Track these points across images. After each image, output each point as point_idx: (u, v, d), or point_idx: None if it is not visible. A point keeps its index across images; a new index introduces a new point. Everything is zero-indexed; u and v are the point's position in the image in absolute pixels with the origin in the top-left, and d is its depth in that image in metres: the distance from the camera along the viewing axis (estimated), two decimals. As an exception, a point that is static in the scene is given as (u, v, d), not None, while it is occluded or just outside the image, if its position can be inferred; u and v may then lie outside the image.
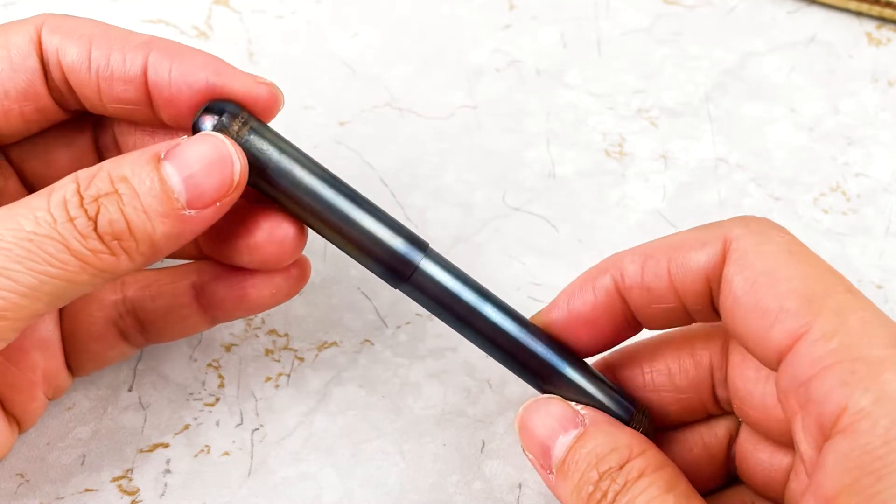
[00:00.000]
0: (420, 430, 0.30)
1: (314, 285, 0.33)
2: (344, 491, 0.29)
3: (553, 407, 0.25)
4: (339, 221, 0.26)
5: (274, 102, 0.26)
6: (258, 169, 0.25)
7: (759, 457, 0.26)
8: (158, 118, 0.26)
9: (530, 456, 0.25)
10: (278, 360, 0.32)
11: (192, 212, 0.24)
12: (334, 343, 0.32)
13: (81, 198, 0.23)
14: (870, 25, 0.40)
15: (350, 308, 0.33)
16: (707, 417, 0.27)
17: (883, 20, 0.40)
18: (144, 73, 0.25)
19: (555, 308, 0.27)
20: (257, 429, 0.30)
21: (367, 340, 0.32)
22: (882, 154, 0.37)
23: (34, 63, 0.26)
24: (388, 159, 0.36)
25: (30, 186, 0.28)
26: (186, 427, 0.30)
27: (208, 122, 0.25)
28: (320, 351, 0.32)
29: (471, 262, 0.34)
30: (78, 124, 0.28)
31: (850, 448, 0.20)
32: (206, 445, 0.30)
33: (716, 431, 0.27)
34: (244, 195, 0.28)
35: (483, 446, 0.30)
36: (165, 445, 0.30)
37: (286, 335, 0.32)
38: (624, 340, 0.27)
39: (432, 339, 0.32)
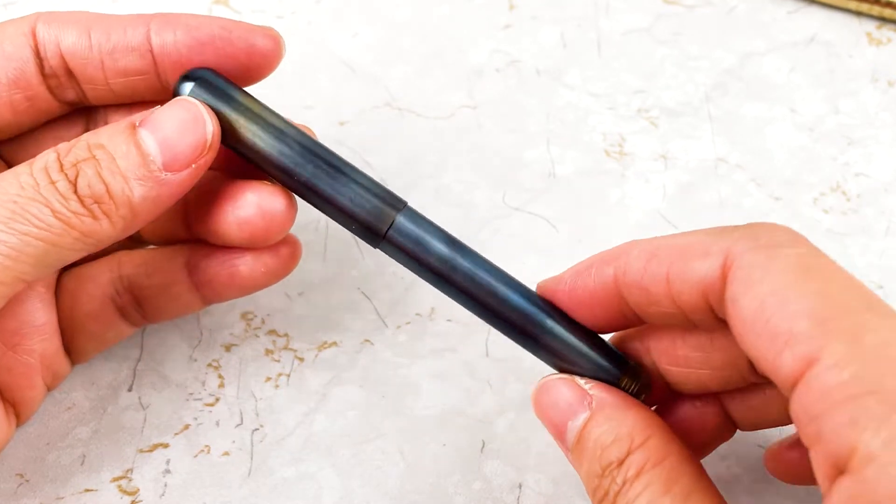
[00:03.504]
0: (420, 430, 0.30)
1: (314, 285, 0.33)
2: (344, 491, 0.29)
3: (561, 389, 0.25)
4: (317, 182, 0.26)
5: (277, 52, 0.27)
6: (235, 131, 0.26)
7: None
8: (166, 87, 0.27)
9: (552, 435, 0.25)
10: (278, 360, 0.32)
11: (169, 174, 0.24)
12: (334, 343, 0.32)
13: (61, 164, 0.24)
14: (870, 25, 0.40)
15: (350, 308, 0.33)
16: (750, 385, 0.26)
17: (883, 20, 0.40)
18: (148, 40, 0.26)
19: (559, 282, 0.26)
20: (257, 429, 0.30)
21: (367, 340, 0.32)
22: (882, 154, 0.37)
23: (27, 53, 0.26)
24: (388, 159, 0.36)
25: None
26: (186, 427, 0.30)
27: (187, 87, 0.26)
28: (320, 351, 0.32)
29: (471, 262, 0.34)
30: (69, 123, 0.29)
31: (855, 493, 0.19)
32: (206, 445, 0.30)
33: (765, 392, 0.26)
34: (229, 169, 0.28)
35: (483, 446, 0.30)
36: (165, 445, 0.30)
37: (286, 335, 0.32)
38: (623, 329, 0.26)
39: (432, 339, 0.32)
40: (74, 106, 0.28)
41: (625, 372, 0.26)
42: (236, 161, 0.27)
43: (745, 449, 0.30)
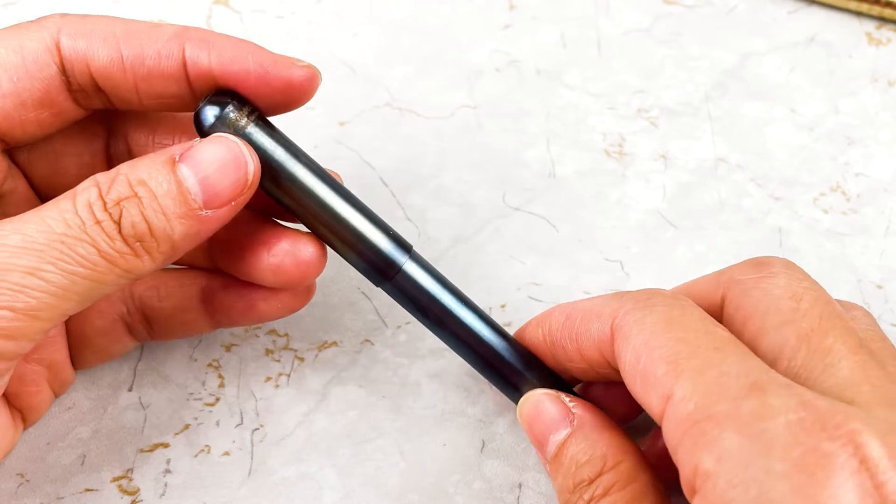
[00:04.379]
0: (420, 430, 0.30)
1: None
2: (344, 491, 0.29)
3: (546, 404, 0.26)
4: (330, 218, 0.26)
5: (312, 84, 0.27)
6: (274, 173, 0.26)
7: None
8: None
9: (534, 445, 0.27)
10: (278, 360, 0.32)
11: (209, 212, 0.24)
12: (334, 343, 0.32)
13: (104, 202, 0.23)
14: (870, 25, 0.40)
15: (350, 308, 0.33)
16: None
17: (883, 20, 0.40)
18: (183, 66, 0.26)
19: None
20: (257, 429, 0.30)
21: (367, 340, 0.32)
22: (882, 154, 0.37)
23: (52, 71, 0.25)
24: (388, 159, 0.36)
25: (37, 190, 0.28)
26: (186, 427, 0.30)
27: (211, 113, 0.25)
28: (320, 351, 0.32)
29: (471, 262, 0.34)
30: (89, 131, 0.28)
31: None
32: (207, 445, 0.30)
33: None
34: (264, 211, 0.28)
35: (483, 446, 0.30)
36: (165, 445, 0.30)
37: (286, 335, 0.32)
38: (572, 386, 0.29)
39: (432, 339, 0.32)
40: (97, 110, 0.28)
41: None
42: (260, 199, 0.27)
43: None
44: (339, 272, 0.34)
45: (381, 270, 0.27)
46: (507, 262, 0.34)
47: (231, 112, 0.25)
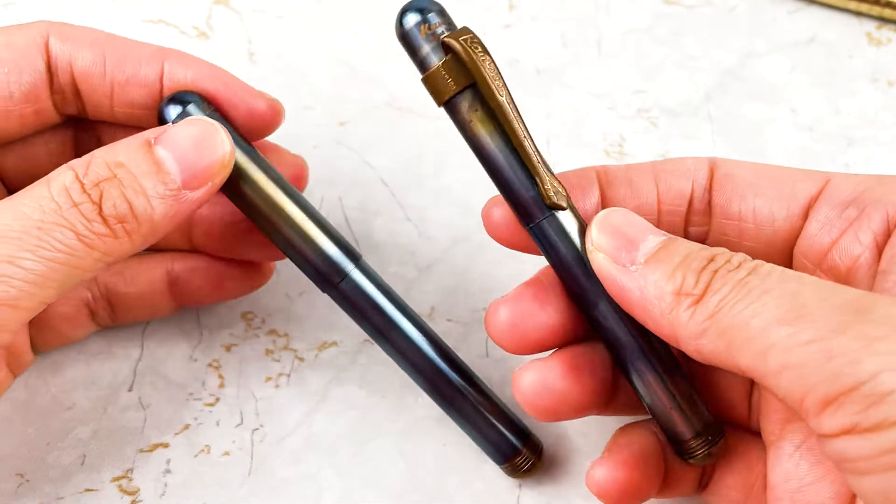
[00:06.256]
0: (420, 430, 0.30)
1: (314, 285, 0.33)
2: (344, 491, 0.29)
3: (638, 218, 0.25)
4: (282, 222, 0.27)
5: (275, 119, 0.28)
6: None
7: None
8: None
9: (602, 251, 0.24)
10: (278, 360, 0.32)
11: (188, 192, 0.25)
12: (334, 343, 0.32)
13: (82, 184, 0.24)
14: (870, 25, 0.40)
15: (350, 308, 0.33)
16: None
17: (883, 20, 0.40)
18: (161, 80, 0.27)
19: None
20: (257, 429, 0.30)
21: (367, 340, 0.32)
22: (882, 154, 0.37)
23: (40, 66, 0.26)
24: (388, 159, 0.36)
25: (8, 184, 0.29)
26: (186, 427, 0.30)
27: (173, 112, 0.26)
28: (320, 351, 0.32)
29: (471, 262, 0.34)
30: (58, 129, 0.29)
31: None
32: (206, 445, 0.30)
33: None
34: None
35: (483, 446, 0.30)
36: (165, 445, 0.30)
37: (286, 335, 0.32)
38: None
39: (432, 339, 0.32)
40: (70, 118, 0.28)
41: (526, 444, 0.28)
42: None
43: (744, 449, 0.30)
44: (339, 272, 0.34)
45: (327, 277, 0.27)
46: (506, 262, 0.34)
47: (194, 109, 0.26)
